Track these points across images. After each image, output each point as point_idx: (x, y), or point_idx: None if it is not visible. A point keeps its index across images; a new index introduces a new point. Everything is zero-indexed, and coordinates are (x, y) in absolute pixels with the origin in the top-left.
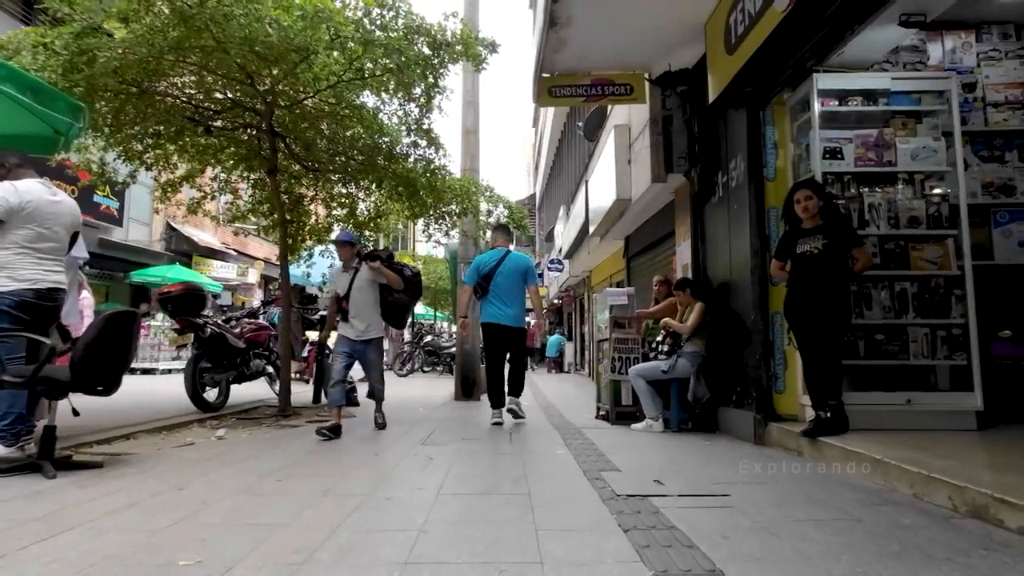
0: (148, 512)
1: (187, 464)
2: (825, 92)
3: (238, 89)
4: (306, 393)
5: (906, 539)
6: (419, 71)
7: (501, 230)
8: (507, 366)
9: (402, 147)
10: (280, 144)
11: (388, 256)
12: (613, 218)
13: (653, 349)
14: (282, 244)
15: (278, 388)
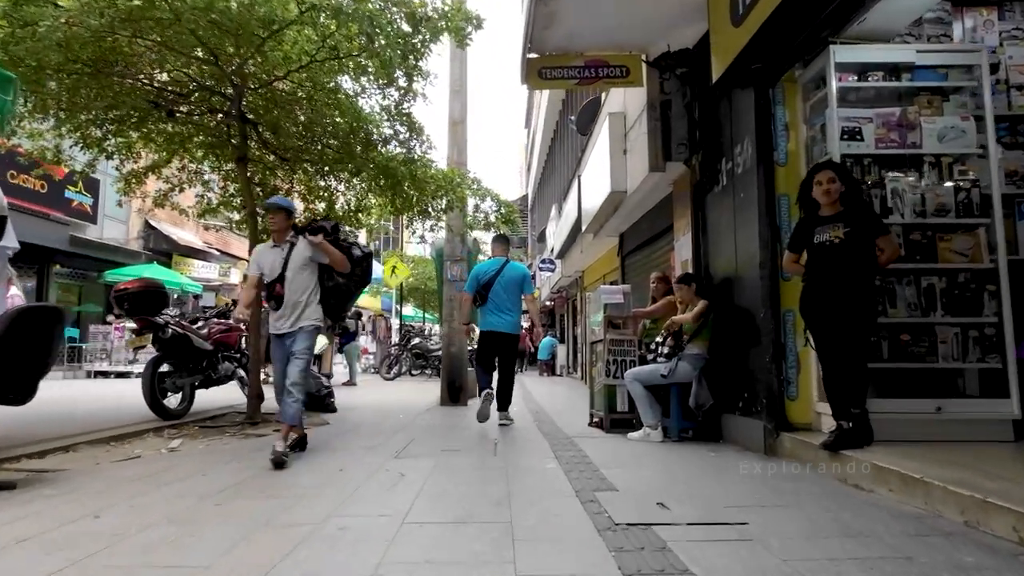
0: (42, 549)
1: (120, 483)
2: (843, 66)
3: (204, 69)
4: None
5: None
6: (399, 52)
7: (499, 240)
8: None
9: (380, 135)
10: (251, 132)
11: (333, 228)
12: (607, 213)
13: (651, 351)
14: (252, 237)
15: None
